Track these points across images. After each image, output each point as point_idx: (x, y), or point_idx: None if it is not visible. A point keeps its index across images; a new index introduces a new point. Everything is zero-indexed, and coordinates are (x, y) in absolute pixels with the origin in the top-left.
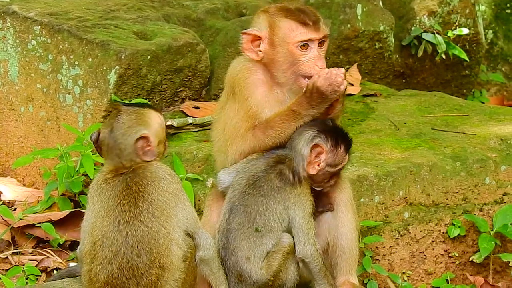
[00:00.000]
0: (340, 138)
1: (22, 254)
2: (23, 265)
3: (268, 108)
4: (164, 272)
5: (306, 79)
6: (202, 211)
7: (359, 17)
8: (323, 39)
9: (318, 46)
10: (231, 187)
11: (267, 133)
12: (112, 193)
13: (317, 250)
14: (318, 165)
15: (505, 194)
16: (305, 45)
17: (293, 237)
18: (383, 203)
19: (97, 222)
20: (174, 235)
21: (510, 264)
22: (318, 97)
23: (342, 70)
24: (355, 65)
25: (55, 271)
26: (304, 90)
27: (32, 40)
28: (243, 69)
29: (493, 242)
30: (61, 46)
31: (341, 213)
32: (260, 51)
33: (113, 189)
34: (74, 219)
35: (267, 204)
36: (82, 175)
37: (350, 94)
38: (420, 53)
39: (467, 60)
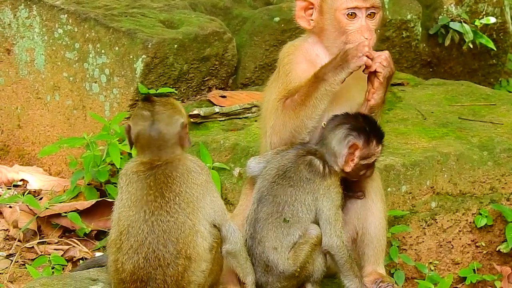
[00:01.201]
0: (371, 131)
1: (48, 243)
2: (49, 254)
3: None
4: (191, 263)
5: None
6: (229, 200)
7: (386, 6)
8: (373, 10)
9: (367, 17)
10: (260, 177)
11: (293, 99)
12: (140, 184)
13: (343, 242)
14: (353, 161)
15: None
16: (352, 13)
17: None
18: (410, 193)
19: (123, 212)
20: (199, 227)
21: None
22: (341, 59)
23: (387, 52)
24: None
25: (81, 261)
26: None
27: (59, 29)
28: (290, 47)
29: None
30: (87, 35)
31: (370, 201)
32: (312, 19)
33: (142, 180)
34: (100, 208)
35: (296, 195)
36: (108, 164)
37: None
38: (447, 42)
39: (494, 49)
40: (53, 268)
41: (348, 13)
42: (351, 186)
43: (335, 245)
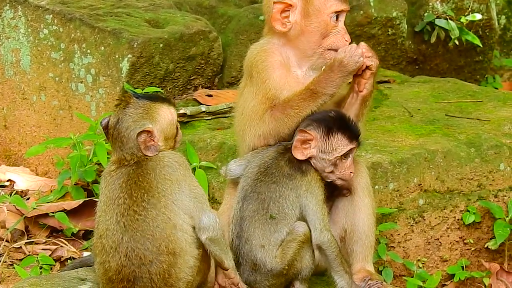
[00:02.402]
0: (337, 126)
1: (36, 243)
2: (37, 254)
3: (287, 89)
4: (176, 258)
5: (332, 52)
6: (216, 199)
7: (371, 4)
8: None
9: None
10: (243, 176)
11: (285, 113)
12: (113, 186)
13: (333, 236)
14: (306, 150)
15: None
16: (337, 17)
17: (308, 225)
18: (398, 190)
19: (101, 216)
20: (177, 220)
21: None
22: (339, 70)
23: (363, 43)
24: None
25: (69, 261)
26: (324, 67)
27: (44, 29)
28: (260, 51)
29: (508, 229)
30: (73, 35)
31: (358, 198)
32: (289, 21)
33: (115, 181)
34: (87, 208)
35: (280, 191)
36: (95, 164)
37: None
38: (433, 39)
39: (480, 46)
40: (41, 268)
41: (335, 16)
42: (337, 184)
43: (326, 239)
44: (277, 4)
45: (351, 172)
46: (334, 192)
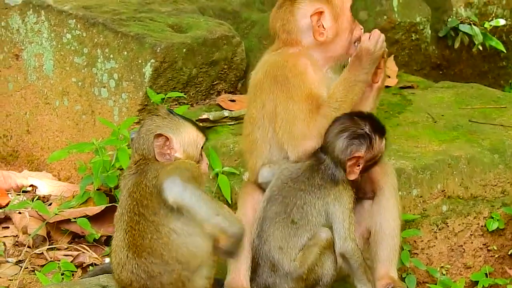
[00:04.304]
0: (373, 132)
1: (58, 249)
2: (59, 260)
3: (325, 87)
4: (184, 265)
5: (355, 44)
6: None
7: (395, 9)
8: None
9: None
10: (274, 178)
11: (333, 107)
12: (123, 196)
13: (357, 245)
14: (358, 168)
15: None
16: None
17: (332, 232)
18: (421, 197)
19: (116, 230)
20: (179, 228)
21: None
22: (368, 58)
23: (377, 30)
24: (392, 57)
25: (90, 267)
26: (352, 57)
27: (67, 34)
28: (288, 56)
29: None
30: (96, 40)
31: (384, 198)
32: (324, 29)
33: (124, 189)
34: (109, 214)
35: (306, 199)
36: (118, 169)
37: (387, 86)
38: (456, 45)
39: (504, 51)
40: (62, 274)
41: (349, 10)
42: (364, 185)
43: (349, 248)
44: (313, 16)
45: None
46: (359, 194)
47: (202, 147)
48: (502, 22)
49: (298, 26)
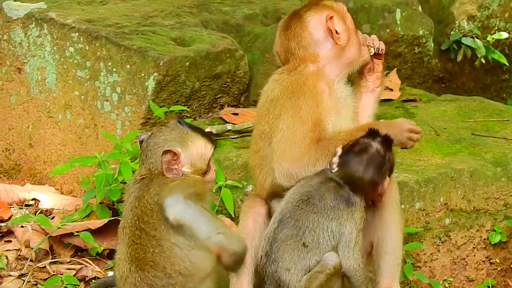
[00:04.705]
0: (392, 158)
1: (60, 263)
2: (61, 274)
3: (333, 113)
4: (188, 278)
5: (365, 46)
6: None
7: (398, 22)
8: None
9: None
10: (284, 199)
11: (334, 143)
12: (126, 208)
13: (359, 265)
14: (382, 192)
15: None
16: None
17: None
18: (424, 210)
19: (119, 243)
20: (175, 241)
21: None
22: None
23: (374, 36)
24: (394, 70)
25: (93, 280)
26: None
27: (70, 47)
28: (310, 75)
29: None
30: (99, 53)
31: (387, 213)
32: (338, 34)
33: (127, 200)
34: (112, 227)
35: (319, 222)
36: (121, 183)
37: (390, 100)
38: (459, 58)
39: (507, 64)
40: (65, 287)
41: None
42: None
43: (352, 268)
44: (328, 22)
45: None
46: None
47: (210, 157)
48: (504, 35)
49: (313, 39)
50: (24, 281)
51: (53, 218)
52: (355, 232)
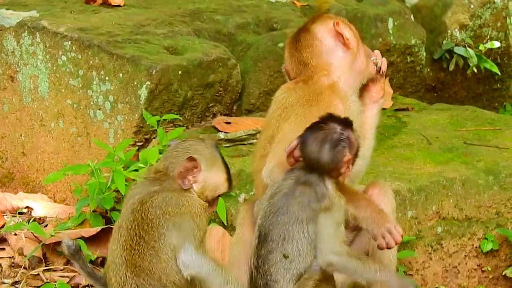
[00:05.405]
0: (346, 131)
1: (54, 271)
2: (55, 282)
3: None
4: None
5: (371, 59)
6: (234, 227)
7: (390, 31)
8: None
9: None
10: (259, 216)
11: None
12: (126, 208)
13: (343, 253)
14: (350, 169)
15: None
16: None
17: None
18: (416, 218)
19: (113, 244)
20: (166, 254)
21: None
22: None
23: (377, 51)
24: (387, 79)
25: None
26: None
27: (62, 56)
28: (326, 89)
29: None
30: (91, 62)
31: None
32: (348, 39)
33: (129, 201)
34: (105, 235)
35: (293, 230)
36: (114, 191)
37: (383, 109)
38: (451, 67)
39: (499, 73)
40: None
41: None
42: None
43: (333, 261)
44: (337, 26)
45: None
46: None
47: (219, 195)
48: (496, 44)
49: (325, 46)
50: None
51: (46, 226)
52: (334, 226)
